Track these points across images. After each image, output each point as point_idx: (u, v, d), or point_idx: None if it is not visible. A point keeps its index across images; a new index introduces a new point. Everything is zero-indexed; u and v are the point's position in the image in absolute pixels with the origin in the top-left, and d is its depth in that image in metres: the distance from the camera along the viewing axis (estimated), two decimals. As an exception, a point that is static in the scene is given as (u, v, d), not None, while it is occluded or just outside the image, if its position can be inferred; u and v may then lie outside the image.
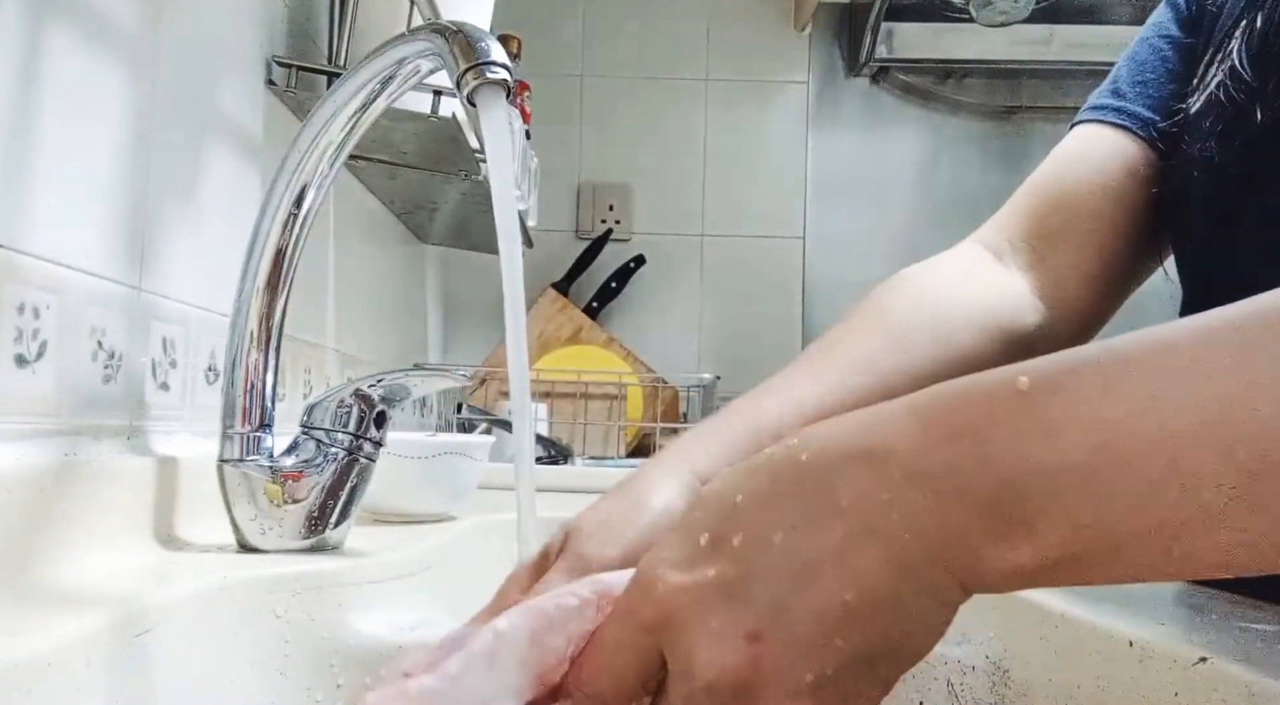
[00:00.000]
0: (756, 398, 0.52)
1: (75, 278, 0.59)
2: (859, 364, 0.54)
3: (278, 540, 0.64)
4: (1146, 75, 0.66)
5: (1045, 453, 0.24)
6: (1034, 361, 0.27)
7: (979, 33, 1.97)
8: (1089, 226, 0.63)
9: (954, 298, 0.60)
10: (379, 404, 0.67)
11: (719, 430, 0.49)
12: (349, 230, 1.24)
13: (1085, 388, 0.25)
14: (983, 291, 0.62)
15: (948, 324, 0.58)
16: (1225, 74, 0.57)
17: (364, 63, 0.63)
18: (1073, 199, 0.64)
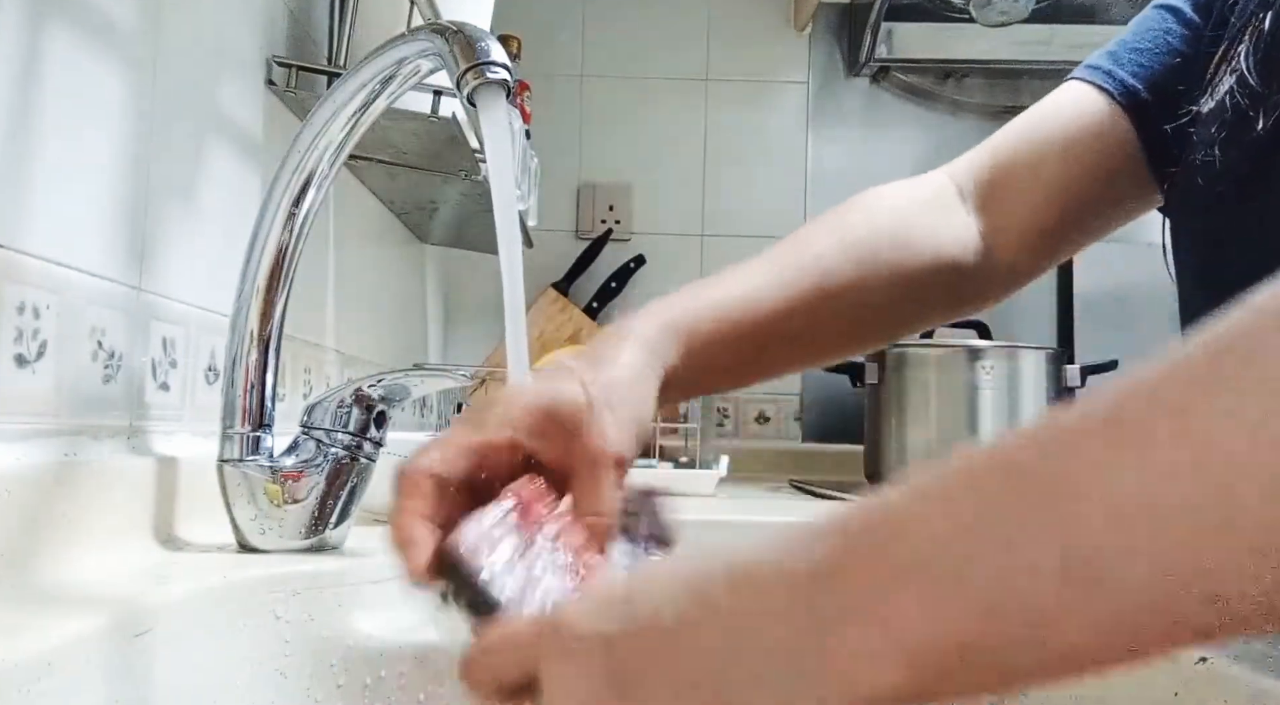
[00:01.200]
0: (714, 283, 0.57)
1: (75, 278, 0.59)
2: (809, 267, 0.59)
3: (278, 540, 0.64)
4: (1144, 44, 0.66)
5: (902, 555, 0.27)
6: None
7: (979, 33, 1.97)
8: (1044, 183, 0.65)
9: (913, 229, 0.63)
10: (379, 404, 0.67)
11: (677, 308, 0.54)
12: (349, 230, 1.24)
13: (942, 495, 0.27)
14: (937, 225, 0.64)
15: (902, 253, 0.62)
16: (1234, 79, 0.57)
17: (364, 63, 0.63)
18: (1035, 154, 0.66)
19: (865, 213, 0.64)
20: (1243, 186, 0.56)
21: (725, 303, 0.56)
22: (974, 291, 0.67)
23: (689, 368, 0.53)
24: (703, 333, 0.54)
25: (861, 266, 0.60)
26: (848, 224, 0.63)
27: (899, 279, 0.62)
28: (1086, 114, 0.65)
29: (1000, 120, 0.65)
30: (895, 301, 0.62)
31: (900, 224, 0.63)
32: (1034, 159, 0.66)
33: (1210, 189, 0.58)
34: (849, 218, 0.63)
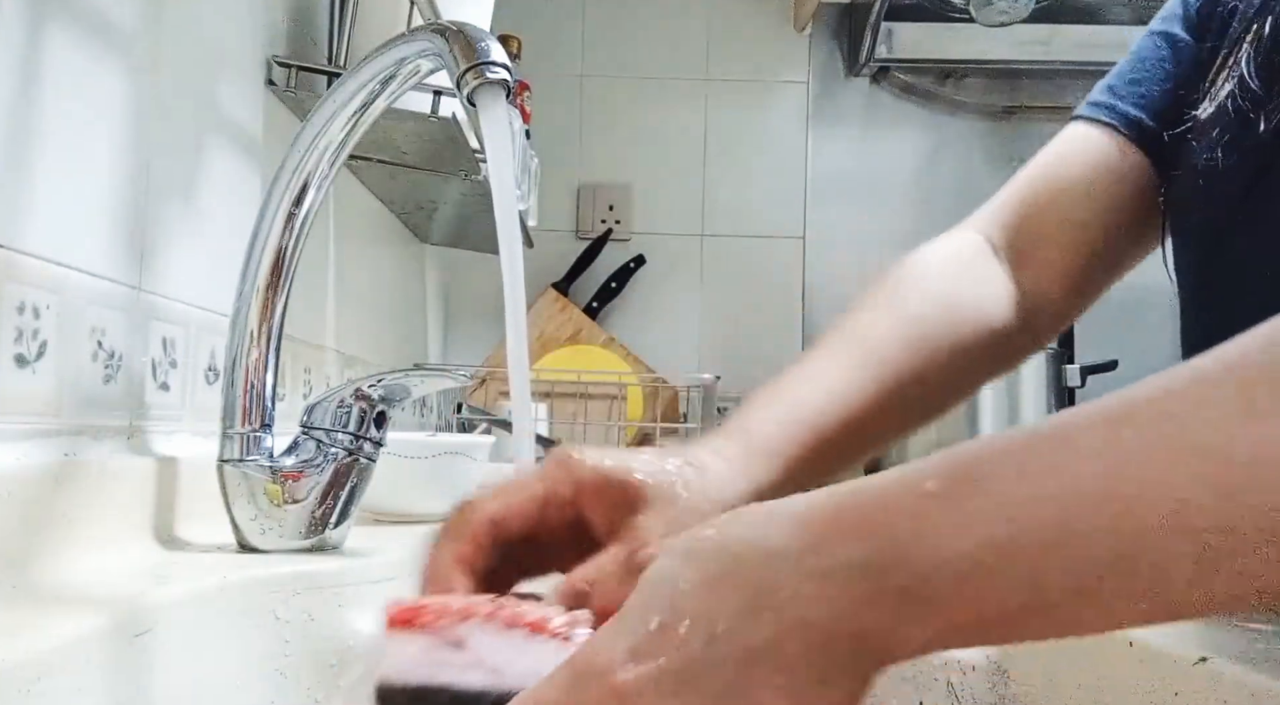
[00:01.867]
0: (794, 384, 0.55)
1: (75, 278, 0.59)
2: (879, 362, 0.57)
3: (278, 540, 0.65)
4: (1141, 73, 0.66)
5: (939, 552, 0.28)
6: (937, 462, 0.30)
7: (979, 33, 1.97)
8: (1071, 226, 0.65)
9: (964, 299, 0.62)
10: (379, 404, 0.67)
11: (762, 421, 0.52)
12: (349, 230, 1.24)
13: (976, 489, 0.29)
14: (980, 288, 0.64)
15: (955, 320, 0.61)
16: (1235, 83, 0.57)
17: (364, 63, 0.63)
18: (1056, 200, 0.65)
19: (916, 287, 0.63)
20: (1244, 188, 0.57)
21: (813, 413, 0.54)
22: (1020, 346, 0.66)
23: (778, 484, 0.51)
24: (793, 448, 0.52)
25: (925, 355, 0.59)
26: (903, 297, 0.62)
27: (954, 356, 0.61)
28: (1098, 152, 0.65)
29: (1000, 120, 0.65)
30: (950, 379, 0.62)
31: (952, 296, 0.62)
32: (1057, 204, 0.65)
33: (1211, 191, 0.58)
34: (903, 292, 0.62)
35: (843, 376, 0.56)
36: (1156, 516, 0.26)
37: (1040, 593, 0.28)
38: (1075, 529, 0.27)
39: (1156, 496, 0.26)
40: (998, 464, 0.29)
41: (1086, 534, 0.27)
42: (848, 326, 0.60)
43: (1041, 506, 0.28)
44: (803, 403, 0.54)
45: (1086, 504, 0.27)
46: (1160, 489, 0.26)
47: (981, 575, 0.28)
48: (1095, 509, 0.27)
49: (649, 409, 1.91)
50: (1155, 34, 0.67)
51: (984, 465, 0.29)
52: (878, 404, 0.57)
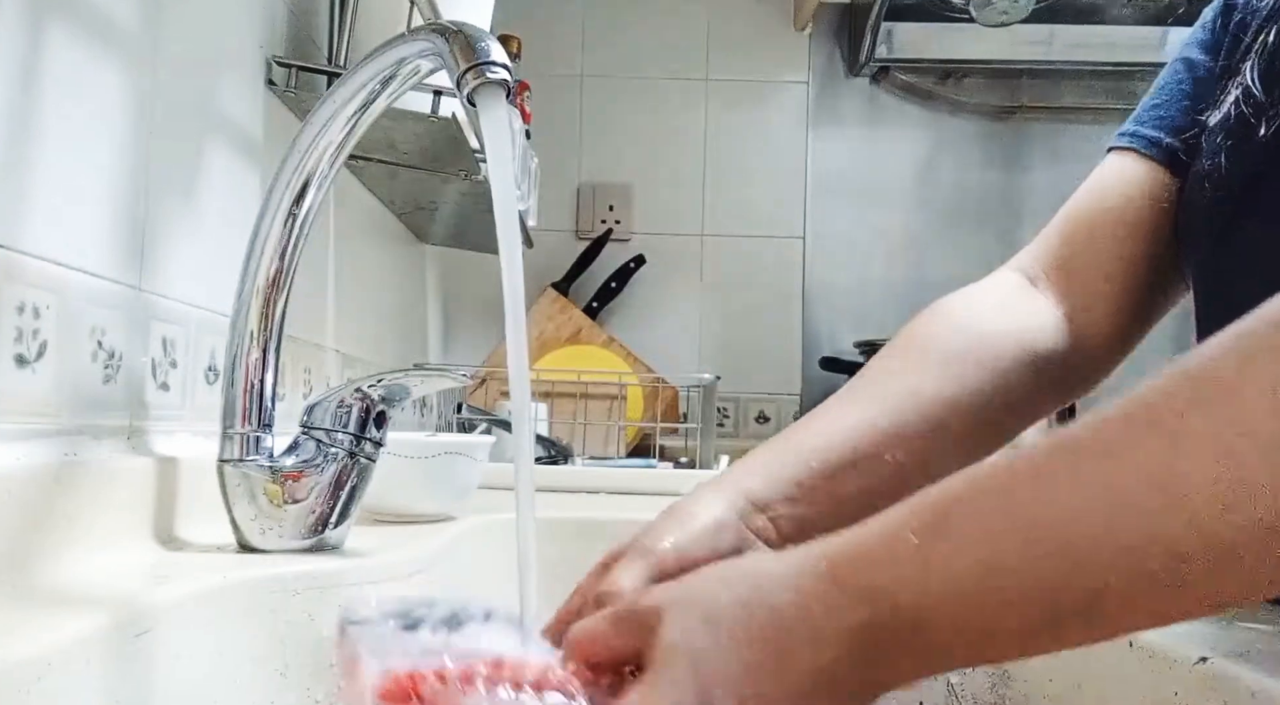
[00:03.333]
0: (805, 425, 0.56)
1: (75, 278, 0.59)
2: (903, 393, 0.57)
3: (278, 540, 0.64)
4: (1161, 98, 0.67)
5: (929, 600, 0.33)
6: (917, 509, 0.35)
7: (979, 33, 1.97)
8: (1113, 258, 0.64)
9: (992, 326, 0.61)
10: (379, 404, 0.67)
11: (769, 457, 0.54)
12: (349, 230, 1.24)
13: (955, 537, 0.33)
14: (1018, 320, 0.62)
15: (987, 353, 0.59)
16: (1240, 90, 0.58)
17: (364, 63, 0.63)
18: (1098, 230, 0.65)
19: (943, 325, 0.61)
20: (1245, 192, 0.57)
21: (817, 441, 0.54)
22: (1069, 379, 0.65)
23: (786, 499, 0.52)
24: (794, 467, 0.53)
25: (955, 380, 0.58)
26: (933, 337, 0.60)
27: (993, 380, 0.59)
28: (1131, 178, 0.65)
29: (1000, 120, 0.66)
30: (992, 403, 0.59)
31: (984, 327, 0.61)
32: (1098, 232, 0.65)
33: (1215, 195, 0.59)
34: (931, 330, 0.61)
35: (858, 411, 0.56)
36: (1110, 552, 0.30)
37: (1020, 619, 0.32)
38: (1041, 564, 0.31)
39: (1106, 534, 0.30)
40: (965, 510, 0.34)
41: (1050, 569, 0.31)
42: (867, 372, 0.59)
43: (1007, 543, 0.32)
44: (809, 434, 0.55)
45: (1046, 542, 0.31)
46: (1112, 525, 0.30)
47: (960, 616, 0.33)
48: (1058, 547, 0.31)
49: (649, 409, 1.91)
50: (1176, 61, 0.68)
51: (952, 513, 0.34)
52: (900, 431, 0.55)
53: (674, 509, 0.50)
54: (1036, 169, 2.13)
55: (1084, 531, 0.31)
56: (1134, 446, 0.31)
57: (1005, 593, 0.32)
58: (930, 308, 0.63)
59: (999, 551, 0.32)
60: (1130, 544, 0.30)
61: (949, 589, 0.33)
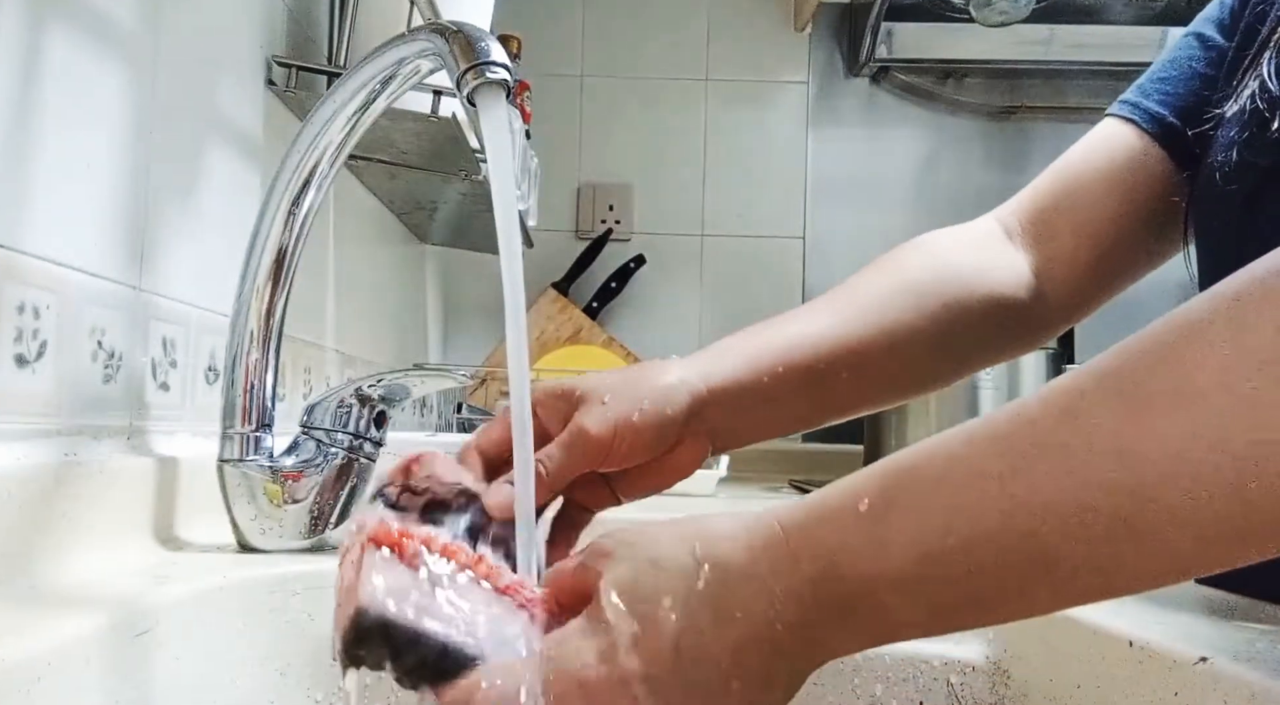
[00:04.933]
0: (773, 324, 0.58)
1: (75, 278, 0.59)
2: (870, 310, 0.59)
3: (278, 540, 0.65)
4: (1171, 73, 0.67)
5: (879, 566, 0.33)
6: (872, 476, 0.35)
7: (979, 33, 1.97)
8: (1087, 215, 0.66)
9: (964, 266, 0.64)
10: (379, 404, 0.67)
11: (732, 345, 0.56)
12: (349, 230, 1.24)
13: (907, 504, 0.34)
14: (989, 265, 0.65)
15: (955, 290, 0.62)
16: (1256, 84, 0.58)
17: (364, 63, 0.63)
18: (1077, 187, 0.67)
19: (919, 254, 0.64)
20: (1257, 187, 0.57)
21: (782, 339, 0.56)
22: (1027, 328, 0.67)
23: (741, 395, 0.53)
24: (760, 365, 0.54)
25: (919, 304, 0.61)
26: (903, 266, 0.63)
27: (954, 316, 0.62)
28: (1121, 146, 0.66)
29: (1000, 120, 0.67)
30: (951, 338, 0.62)
31: (953, 263, 0.64)
32: (1077, 192, 0.67)
33: (1227, 190, 0.59)
34: (903, 260, 0.64)
35: (826, 318, 0.59)
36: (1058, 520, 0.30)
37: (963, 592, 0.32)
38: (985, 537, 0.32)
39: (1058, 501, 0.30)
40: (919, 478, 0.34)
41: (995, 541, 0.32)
42: (840, 287, 0.62)
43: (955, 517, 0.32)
44: (778, 332, 0.57)
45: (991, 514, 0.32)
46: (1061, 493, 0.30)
47: (909, 583, 0.33)
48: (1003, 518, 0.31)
49: (649, 409, 1.91)
50: (1190, 34, 0.68)
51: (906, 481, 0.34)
52: (860, 343, 0.58)
53: (634, 368, 0.53)
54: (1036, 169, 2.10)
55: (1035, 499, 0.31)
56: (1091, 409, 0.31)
57: (952, 567, 0.32)
58: (910, 241, 0.66)
59: (948, 524, 0.32)
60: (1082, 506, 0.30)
61: (897, 558, 0.33)
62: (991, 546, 0.32)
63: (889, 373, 0.60)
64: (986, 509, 0.32)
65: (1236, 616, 0.49)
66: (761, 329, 0.57)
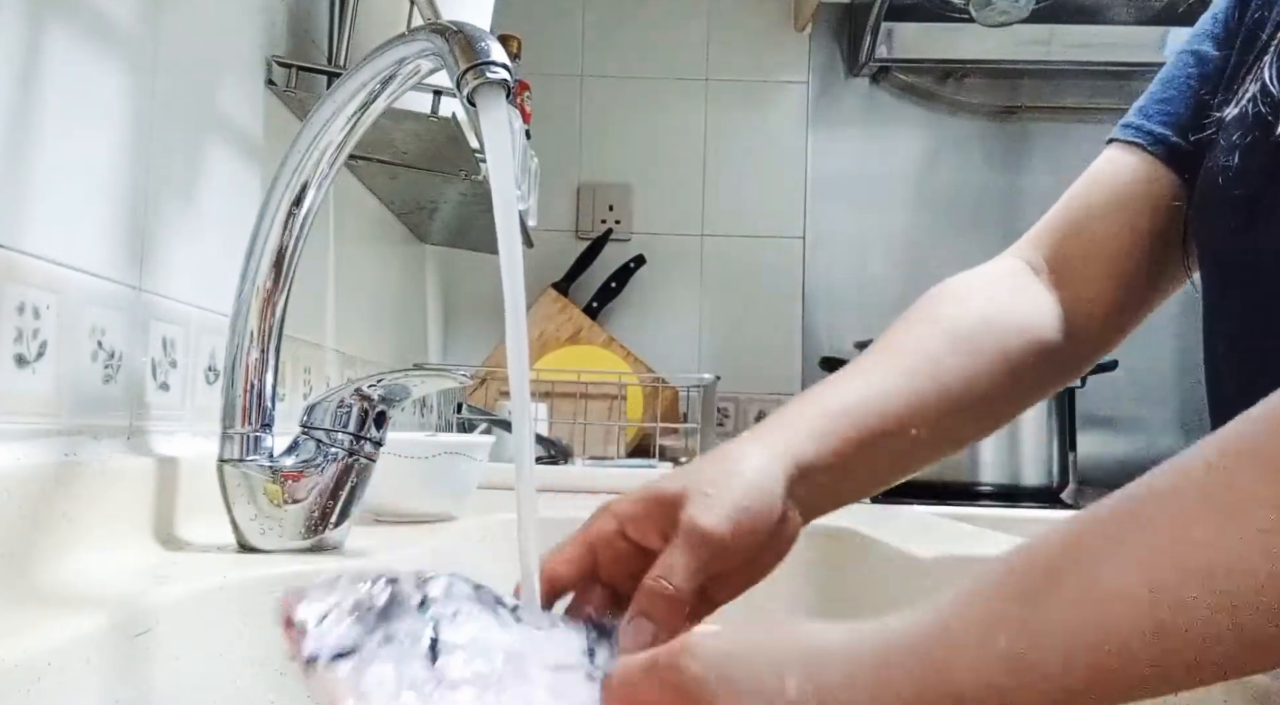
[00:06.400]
0: (834, 386, 0.57)
1: (75, 278, 0.59)
2: (921, 362, 0.58)
3: (278, 540, 0.64)
4: (1170, 92, 0.67)
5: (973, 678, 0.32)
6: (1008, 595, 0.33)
7: (979, 33, 1.97)
8: (1105, 249, 0.66)
9: (1005, 314, 0.63)
10: (379, 404, 0.67)
11: (798, 414, 0.54)
12: (349, 230, 1.24)
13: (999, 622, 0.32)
14: (1028, 310, 0.64)
15: (995, 336, 0.61)
16: (1258, 87, 0.58)
17: (364, 63, 0.63)
18: (1093, 219, 0.66)
19: (958, 304, 0.63)
20: (1259, 192, 0.57)
21: (852, 405, 0.55)
22: (1066, 366, 0.67)
23: (827, 469, 0.52)
24: (837, 435, 0.53)
25: (969, 357, 0.60)
26: (945, 316, 0.62)
27: (1002, 363, 0.61)
28: (1129, 172, 0.66)
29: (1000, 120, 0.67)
30: (1000, 387, 0.61)
31: (995, 311, 0.63)
32: (1093, 224, 0.66)
33: (1228, 194, 0.59)
34: (942, 309, 0.63)
35: (884, 376, 0.57)
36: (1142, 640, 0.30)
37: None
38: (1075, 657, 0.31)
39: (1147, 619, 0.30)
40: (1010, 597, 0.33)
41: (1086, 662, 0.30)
42: (885, 341, 0.61)
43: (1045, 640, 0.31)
44: (843, 396, 0.55)
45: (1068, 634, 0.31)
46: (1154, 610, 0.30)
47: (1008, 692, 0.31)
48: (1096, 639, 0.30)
49: (649, 409, 1.91)
50: (1184, 53, 0.68)
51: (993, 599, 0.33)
52: (921, 402, 0.57)
53: (718, 457, 0.50)
54: (1036, 169, 2.13)
55: (1118, 625, 0.30)
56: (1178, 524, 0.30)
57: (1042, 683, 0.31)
58: (936, 288, 0.65)
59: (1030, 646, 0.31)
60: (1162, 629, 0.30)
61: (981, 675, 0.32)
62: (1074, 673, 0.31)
63: (949, 427, 0.59)
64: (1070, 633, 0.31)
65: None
66: (823, 393, 0.56)
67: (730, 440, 0.52)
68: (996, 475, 1.50)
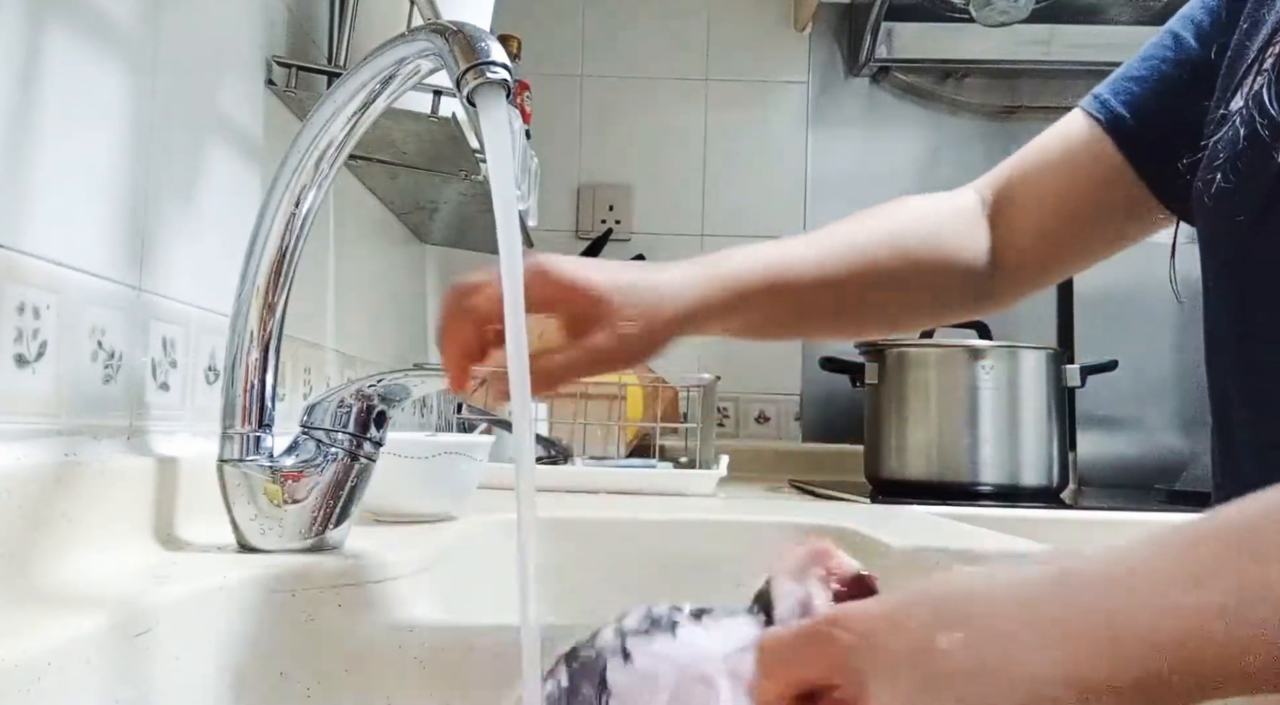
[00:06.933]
0: (763, 246, 0.67)
1: (75, 278, 0.59)
2: (850, 248, 0.69)
3: (278, 540, 0.64)
4: (1140, 72, 0.70)
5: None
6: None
7: (979, 33, 1.97)
8: (1041, 198, 0.73)
9: (939, 227, 0.73)
10: (379, 404, 0.67)
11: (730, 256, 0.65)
12: (349, 230, 1.24)
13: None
14: (960, 231, 0.73)
15: (927, 246, 0.71)
16: (1255, 106, 0.58)
17: (364, 63, 0.63)
18: (1037, 172, 0.73)
19: (904, 211, 0.73)
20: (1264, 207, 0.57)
21: (773, 258, 0.66)
22: (982, 295, 0.75)
23: (731, 297, 0.63)
24: (750, 275, 0.64)
25: (894, 253, 0.70)
26: (887, 217, 0.72)
27: (923, 270, 0.71)
28: (1081, 138, 0.71)
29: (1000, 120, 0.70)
30: (916, 289, 0.72)
31: (931, 225, 0.73)
32: (1036, 176, 0.73)
33: (1231, 216, 0.59)
34: (889, 213, 0.73)
35: (815, 249, 0.68)
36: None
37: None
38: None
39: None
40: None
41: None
42: (832, 225, 0.71)
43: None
44: (768, 254, 0.66)
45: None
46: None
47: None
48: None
49: (649, 409, 1.91)
50: (1167, 32, 0.71)
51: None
52: (840, 274, 0.67)
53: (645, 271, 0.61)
54: (1036, 169, 2.13)
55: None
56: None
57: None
58: (899, 199, 0.74)
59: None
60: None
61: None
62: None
63: (861, 307, 0.70)
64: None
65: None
66: (754, 249, 0.66)
67: (662, 265, 0.64)
68: (996, 475, 1.50)
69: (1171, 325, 1.89)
